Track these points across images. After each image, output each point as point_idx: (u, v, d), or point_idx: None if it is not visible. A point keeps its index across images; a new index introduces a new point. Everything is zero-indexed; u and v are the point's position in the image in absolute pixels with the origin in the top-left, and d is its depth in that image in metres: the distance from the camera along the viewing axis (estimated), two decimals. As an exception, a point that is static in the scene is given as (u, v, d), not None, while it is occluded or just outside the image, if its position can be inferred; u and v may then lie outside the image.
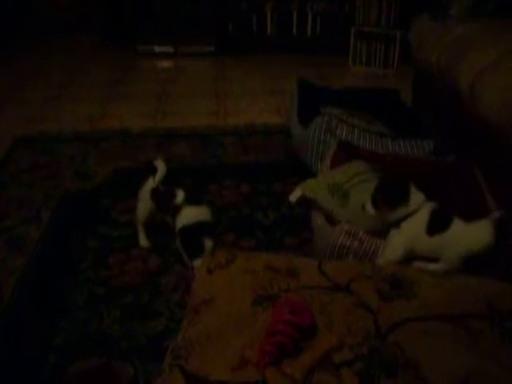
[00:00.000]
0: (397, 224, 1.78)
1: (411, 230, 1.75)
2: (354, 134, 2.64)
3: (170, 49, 5.38)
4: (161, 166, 2.25)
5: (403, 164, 2.28)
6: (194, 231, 2.07)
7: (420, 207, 1.75)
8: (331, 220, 2.01)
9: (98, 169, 3.05)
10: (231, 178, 2.88)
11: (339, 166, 2.19)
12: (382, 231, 1.85)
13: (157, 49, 5.38)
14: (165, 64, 5.23)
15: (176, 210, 2.16)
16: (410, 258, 1.75)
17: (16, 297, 2.07)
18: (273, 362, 1.20)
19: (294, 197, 2.13)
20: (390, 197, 1.78)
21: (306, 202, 2.14)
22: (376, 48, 4.96)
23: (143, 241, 2.34)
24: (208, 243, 2.04)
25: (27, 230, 2.48)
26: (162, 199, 2.23)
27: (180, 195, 2.16)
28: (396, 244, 1.77)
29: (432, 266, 1.69)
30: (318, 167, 2.54)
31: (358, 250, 1.86)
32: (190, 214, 2.13)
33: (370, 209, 1.82)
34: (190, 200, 2.17)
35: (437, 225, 1.72)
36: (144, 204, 2.29)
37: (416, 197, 1.76)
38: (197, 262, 1.95)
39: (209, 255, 1.66)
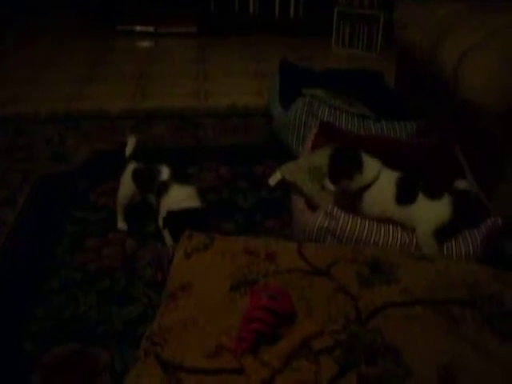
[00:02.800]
0: (360, 194, 1.87)
1: (379, 195, 1.86)
2: (335, 116, 2.61)
3: (150, 28, 5.28)
4: (131, 140, 2.21)
5: (385, 146, 2.26)
6: (184, 219, 1.99)
7: (379, 174, 1.85)
8: (311, 203, 1.99)
9: (75, 151, 2.99)
10: (211, 161, 2.84)
11: (320, 149, 2.16)
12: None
13: (137, 28, 5.28)
14: (145, 44, 5.15)
15: (162, 188, 2.10)
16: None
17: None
18: (250, 350, 1.17)
19: (273, 180, 2.10)
20: (343, 168, 1.85)
21: (286, 185, 2.11)
22: (359, 29, 4.91)
23: (121, 224, 2.29)
24: None
25: (2, 213, 2.42)
26: (145, 177, 2.18)
27: (165, 172, 2.12)
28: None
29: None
30: (300, 150, 2.51)
31: (335, 229, 1.84)
32: (178, 197, 2.07)
33: (329, 185, 1.89)
34: (177, 178, 2.12)
35: (404, 195, 1.82)
36: (125, 187, 2.24)
37: (371, 164, 1.86)
38: None
39: (186, 238, 1.62)
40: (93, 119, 3.38)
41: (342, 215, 1.84)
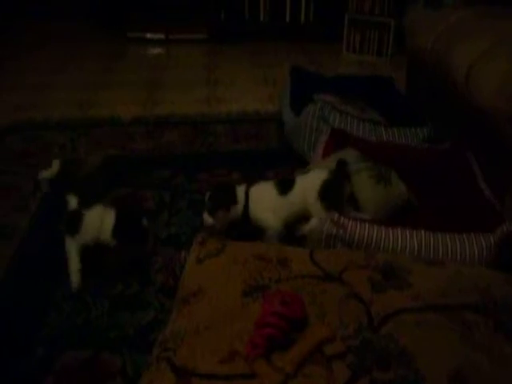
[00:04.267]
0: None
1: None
2: (346, 122, 2.61)
3: (161, 35, 5.32)
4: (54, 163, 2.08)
5: (397, 152, 2.26)
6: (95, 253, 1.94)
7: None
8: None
9: (88, 157, 3.00)
10: (223, 167, 2.84)
11: (331, 154, 2.17)
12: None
13: (148, 35, 5.32)
14: (156, 51, 5.18)
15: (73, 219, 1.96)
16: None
17: (3, 287, 2.04)
18: (262, 355, 1.18)
19: None
20: (218, 202, 2.07)
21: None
22: (370, 35, 4.92)
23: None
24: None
25: (15, 219, 2.43)
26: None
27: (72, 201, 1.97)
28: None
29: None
30: (311, 155, 2.51)
31: (344, 236, 1.83)
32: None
33: (207, 218, 2.08)
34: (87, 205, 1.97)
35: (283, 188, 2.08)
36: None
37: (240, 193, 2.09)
38: None
39: (198, 244, 1.62)
40: (104, 126, 3.39)
41: (350, 223, 1.84)
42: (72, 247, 1.95)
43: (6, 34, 5.56)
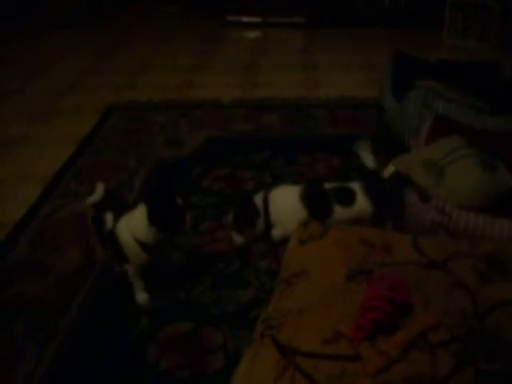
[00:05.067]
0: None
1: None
2: (450, 109, 2.54)
3: (258, 19, 5.34)
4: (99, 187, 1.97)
5: (502, 140, 2.19)
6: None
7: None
8: (425, 197, 1.97)
9: (189, 137, 3.08)
10: (323, 151, 2.85)
11: (435, 141, 2.13)
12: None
13: (245, 19, 5.36)
14: (254, 34, 5.22)
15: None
16: None
17: (110, 258, 2.13)
18: (367, 338, 1.19)
19: (387, 172, 2.09)
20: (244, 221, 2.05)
21: (400, 178, 2.09)
22: (473, 19, 4.75)
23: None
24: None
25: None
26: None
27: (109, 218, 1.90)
28: None
29: None
30: (412, 141, 2.48)
31: (448, 224, 1.81)
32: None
33: (236, 237, 2.07)
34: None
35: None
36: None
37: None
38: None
39: (301, 226, 1.64)
40: (204, 107, 3.47)
41: (455, 211, 1.81)
42: (130, 270, 1.91)
43: (109, 16, 5.77)
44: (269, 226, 2.04)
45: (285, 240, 1.78)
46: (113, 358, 1.71)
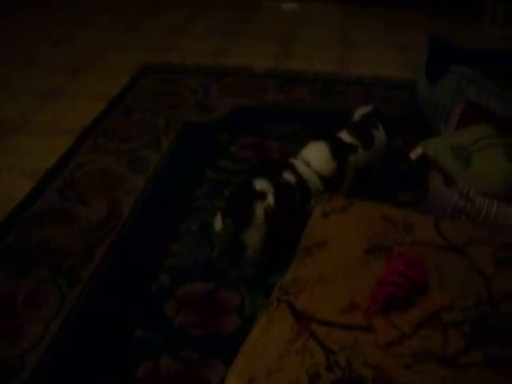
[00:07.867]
0: None
1: None
2: (483, 97, 2.53)
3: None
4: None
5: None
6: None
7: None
8: (450, 181, 1.98)
9: (218, 103, 3.10)
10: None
11: (465, 127, 2.13)
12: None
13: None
14: (291, 6, 5.16)
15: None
16: None
17: (133, 216, 2.18)
18: (382, 311, 1.22)
19: (414, 155, 2.09)
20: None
21: (427, 161, 2.10)
22: (515, 9, 4.67)
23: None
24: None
25: (148, 154, 2.59)
26: None
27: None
28: None
29: None
30: (442, 126, 2.48)
31: (470, 210, 1.83)
32: None
33: (217, 220, 1.88)
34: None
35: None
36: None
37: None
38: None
39: (326, 200, 1.67)
40: (237, 75, 3.47)
41: (479, 198, 1.82)
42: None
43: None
44: (306, 197, 1.95)
45: None
46: (131, 309, 1.76)
